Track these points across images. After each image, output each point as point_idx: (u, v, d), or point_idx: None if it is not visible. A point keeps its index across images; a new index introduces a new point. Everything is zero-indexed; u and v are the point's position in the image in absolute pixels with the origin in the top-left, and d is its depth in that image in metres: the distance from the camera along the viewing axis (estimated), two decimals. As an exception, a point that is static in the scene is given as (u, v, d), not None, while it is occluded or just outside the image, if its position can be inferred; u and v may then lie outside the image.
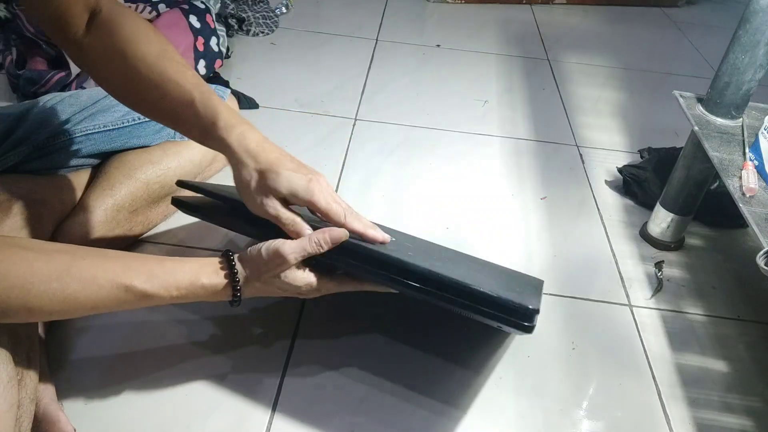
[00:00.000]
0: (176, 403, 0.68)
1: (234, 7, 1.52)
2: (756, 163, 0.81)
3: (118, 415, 0.66)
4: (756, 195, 0.77)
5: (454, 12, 1.87)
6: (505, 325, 0.59)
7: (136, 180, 0.84)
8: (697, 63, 1.73)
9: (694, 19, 2.04)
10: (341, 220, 0.61)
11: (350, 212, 0.63)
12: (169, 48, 0.65)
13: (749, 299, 0.92)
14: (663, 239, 1.00)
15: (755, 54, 0.82)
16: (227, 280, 0.59)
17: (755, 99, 0.90)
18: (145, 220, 0.88)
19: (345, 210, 0.62)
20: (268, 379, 0.71)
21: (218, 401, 0.68)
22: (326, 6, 1.77)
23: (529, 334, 0.59)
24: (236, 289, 0.60)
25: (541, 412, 0.72)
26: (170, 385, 0.69)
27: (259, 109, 1.24)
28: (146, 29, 0.65)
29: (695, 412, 0.74)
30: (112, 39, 0.63)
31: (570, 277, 0.92)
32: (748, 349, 0.84)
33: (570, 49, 1.71)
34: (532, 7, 1.98)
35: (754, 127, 0.88)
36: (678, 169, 0.95)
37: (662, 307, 0.89)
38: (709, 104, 0.90)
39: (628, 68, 1.63)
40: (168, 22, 1.17)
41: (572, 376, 0.76)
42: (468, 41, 1.68)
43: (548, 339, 0.81)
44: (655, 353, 0.81)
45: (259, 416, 0.67)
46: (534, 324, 0.57)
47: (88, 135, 0.84)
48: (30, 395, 0.58)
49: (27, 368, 0.58)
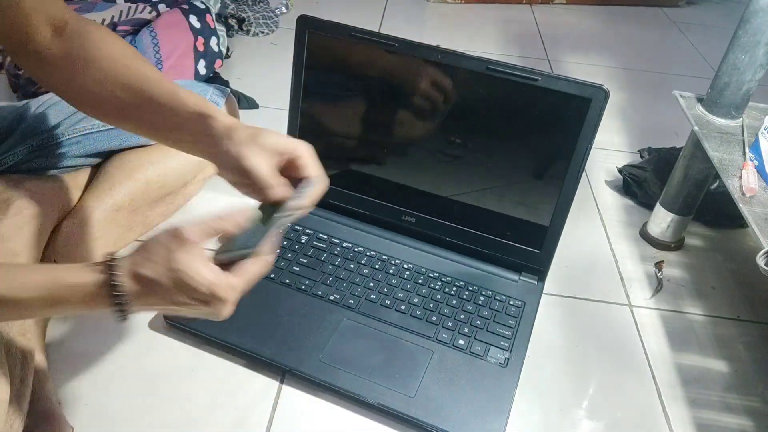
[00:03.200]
0: (176, 403, 0.68)
1: (234, 7, 1.52)
2: (756, 163, 0.81)
3: (117, 414, 0.66)
4: (756, 195, 0.77)
5: (454, 12, 1.87)
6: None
7: (136, 180, 0.84)
8: (697, 63, 1.73)
9: (694, 19, 2.04)
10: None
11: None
12: (138, 54, 0.63)
13: (749, 299, 0.92)
14: (663, 239, 1.00)
15: (755, 54, 0.82)
16: (103, 279, 0.47)
17: (755, 99, 0.90)
18: (145, 220, 0.88)
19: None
20: (268, 379, 0.71)
21: (218, 401, 0.68)
22: (326, 6, 1.77)
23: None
24: (115, 285, 0.47)
25: (541, 412, 0.72)
26: (170, 385, 0.69)
27: (259, 109, 1.24)
28: (114, 37, 0.63)
29: (695, 412, 0.74)
30: (82, 47, 0.61)
31: (570, 277, 0.92)
32: (747, 349, 0.84)
33: (570, 49, 1.71)
34: (532, 7, 1.97)
35: (754, 127, 0.88)
36: (678, 169, 0.95)
37: (662, 307, 0.89)
38: (709, 104, 0.90)
39: (628, 68, 1.63)
40: (168, 22, 1.17)
41: (572, 376, 0.76)
42: (468, 41, 1.68)
43: (548, 339, 0.81)
44: (655, 353, 0.81)
45: (259, 416, 0.67)
46: None
47: (87, 134, 0.84)
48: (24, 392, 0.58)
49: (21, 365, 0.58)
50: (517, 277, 0.83)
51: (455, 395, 0.68)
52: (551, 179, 0.77)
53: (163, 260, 0.47)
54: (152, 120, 0.61)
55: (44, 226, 0.75)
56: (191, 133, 0.59)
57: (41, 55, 0.62)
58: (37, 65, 0.63)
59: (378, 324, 0.75)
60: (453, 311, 0.77)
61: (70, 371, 0.69)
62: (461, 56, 0.75)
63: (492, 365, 0.71)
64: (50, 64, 0.62)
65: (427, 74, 0.78)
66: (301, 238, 0.86)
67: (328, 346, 0.71)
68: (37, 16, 0.60)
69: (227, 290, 0.48)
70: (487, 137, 0.79)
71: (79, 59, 0.61)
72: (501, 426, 0.65)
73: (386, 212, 0.86)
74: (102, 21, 1.12)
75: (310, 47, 0.81)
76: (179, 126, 0.59)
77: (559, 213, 0.78)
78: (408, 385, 0.68)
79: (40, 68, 0.63)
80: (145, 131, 0.64)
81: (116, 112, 0.63)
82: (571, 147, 0.74)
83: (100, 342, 0.73)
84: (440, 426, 0.65)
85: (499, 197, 0.81)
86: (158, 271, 0.47)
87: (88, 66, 0.61)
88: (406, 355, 0.71)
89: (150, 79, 0.61)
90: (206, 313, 0.50)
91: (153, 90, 0.60)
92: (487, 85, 0.76)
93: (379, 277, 0.81)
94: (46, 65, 0.62)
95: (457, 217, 0.84)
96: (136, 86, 0.60)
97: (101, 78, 0.61)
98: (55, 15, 0.62)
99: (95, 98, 0.62)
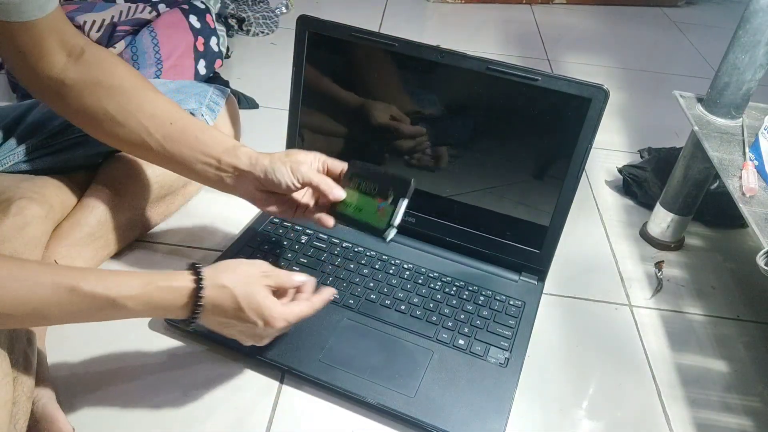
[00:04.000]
0: (176, 403, 0.68)
1: (234, 7, 1.52)
2: (756, 163, 0.81)
3: (117, 415, 0.66)
4: (756, 195, 0.77)
5: (454, 12, 1.87)
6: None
7: (136, 180, 0.84)
8: (697, 63, 1.73)
9: (694, 19, 2.04)
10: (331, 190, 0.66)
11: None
12: (150, 84, 0.69)
13: (749, 299, 0.92)
14: (663, 239, 1.00)
15: (755, 54, 0.82)
16: (189, 283, 0.56)
17: (755, 99, 0.90)
18: (145, 220, 0.88)
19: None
20: (268, 379, 0.71)
21: (218, 401, 0.68)
22: (326, 6, 1.77)
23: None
24: (200, 289, 0.56)
25: (541, 412, 0.72)
26: (170, 385, 0.69)
27: (259, 109, 1.24)
28: (133, 69, 0.69)
29: (695, 412, 0.74)
30: (104, 74, 0.65)
31: (570, 277, 0.92)
32: (747, 349, 0.84)
33: (570, 49, 1.71)
34: (532, 7, 1.98)
35: (754, 127, 0.88)
36: (678, 169, 0.95)
37: (662, 307, 0.89)
38: (709, 104, 0.90)
39: (628, 68, 1.63)
40: (168, 22, 1.17)
41: (572, 376, 0.76)
42: (468, 41, 1.68)
43: (548, 339, 0.81)
44: (655, 353, 0.81)
45: (259, 416, 0.67)
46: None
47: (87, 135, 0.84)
48: (27, 393, 0.58)
49: (24, 366, 0.58)
50: (517, 277, 0.83)
51: (455, 395, 0.68)
52: (551, 179, 0.77)
53: (244, 275, 0.58)
54: (174, 149, 0.67)
55: (44, 226, 0.75)
56: (218, 161, 0.67)
57: (57, 82, 0.64)
58: (54, 92, 0.65)
59: (378, 324, 0.75)
60: (453, 311, 0.77)
61: (71, 371, 0.69)
62: (461, 56, 0.75)
63: (492, 365, 0.71)
64: (67, 92, 0.65)
65: (427, 74, 0.78)
66: (301, 238, 0.86)
67: (328, 346, 0.71)
68: (50, 40, 0.63)
69: (281, 317, 0.59)
70: (487, 137, 0.79)
71: (102, 87, 0.65)
72: (501, 426, 0.65)
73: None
74: (102, 21, 1.12)
75: (310, 47, 0.81)
76: (206, 155, 0.67)
77: (559, 213, 0.78)
78: (408, 385, 0.68)
79: (56, 95, 0.66)
80: (162, 161, 0.70)
81: (135, 139, 0.68)
82: (571, 147, 0.74)
83: (101, 342, 0.73)
84: (440, 426, 0.65)
85: (499, 197, 0.81)
86: (235, 283, 0.57)
87: (112, 93, 0.65)
88: (406, 355, 0.71)
89: (179, 111, 0.67)
90: (255, 334, 0.61)
91: (183, 121, 0.67)
92: (487, 85, 0.76)
93: (379, 277, 0.81)
94: (63, 93, 0.65)
95: (457, 217, 0.84)
96: (166, 119, 0.66)
97: (125, 104, 0.65)
98: (69, 41, 0.65)
99: (114, 125, 0.66)
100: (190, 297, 0.56)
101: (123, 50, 1.09)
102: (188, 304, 0.56)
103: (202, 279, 0.56)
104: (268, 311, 0.58)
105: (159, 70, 1.12)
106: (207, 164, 0.67)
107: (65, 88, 0.65)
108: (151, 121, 0.66)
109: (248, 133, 1.06)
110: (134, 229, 0.86)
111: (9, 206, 0.72)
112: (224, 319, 0.59)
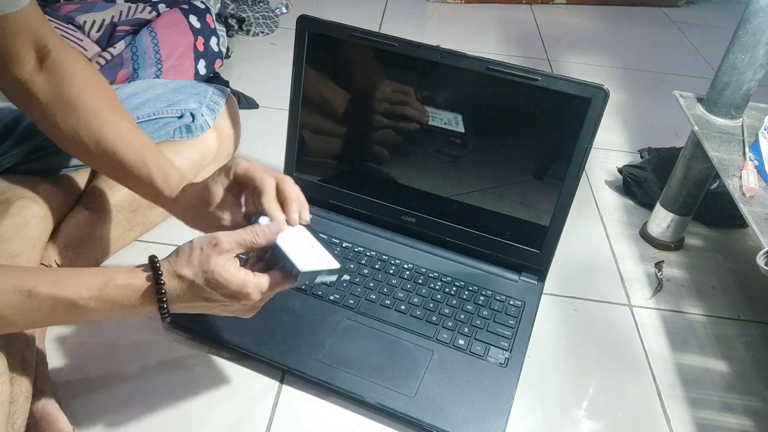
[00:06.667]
0: (176, 403, 0.68)
1: (234, 7, 1.52)
2: (756, 163, 0.81)
3: (117, 415, 0.66)
4: (756, 195, 0.77)
5: (454, 12, 1.87)
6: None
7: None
8: (697, 63, 1.73)
9: (694, 19, 2.04)
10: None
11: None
12: (117, 101, 0.68)
13: (749, 299, 0.92)
14: (663, 239, 1.00)
15: (755, 54, 0.82)
16: (148, 279, 0.54)
17: (755, 99, 0.90)
18: (145, 221, 0.88)
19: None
20: (268, 379, 0.71)
21: (218, 401, 0.68)
22: (326, 6, 1.77)
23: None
24: (160, 285, 0.53)
25: (541, 412, 0.72)
26: (170, 384, 0.69)
27: (259, 109, 1.24)
28: (96, 78, 0.67)
29: (695, 412, 0.74)
30: (63, 87, 0.64)
31: (570, 277, 0.92)
32: (747, 349, 0.84)
33: (570, 49, 1.71)
34: (532, 7, 1.98)
35: (754, 127, 0.88)
36: (678, 169, 0.95)
37: (662, 307, 0.89)
38: (709, 104, 0.90)
39: (628, 68, 1.63)
40: (168, 22, 1.17)
41: (572, 376, 0.76)
42: (468, 41, 1.68)
43: (548, 339, 0.81)
44: (655, 353, 0.81)
45: (259, 416, 0.67)
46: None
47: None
48: (24, 393, 0.57)
49: (22, 366, 0.58)
50: (517, 277, 0.83)
51: (455, 395, 0.68)
52: (551, 179, 0.77)
53: (199, 262, 0.54)
54: (119, 177, 0.68)
55: (44, 226, 0.75)
56: (153, 192, 0.66)
57: (24, 85, 0.63)
58: (19, 94, 0.64)
59: (378, 324, 0.75)
60: (453, 311, 0.77)
61: (70, 371, 0.69)
62: (461, 56, 0.75)
63: (492, 365, 0.71)
64: (32, 99, 0.64)
65: (427, 74, 0.78)
66: (301, 238, 0.86)
67: (328, 346, 0.71)
68: (22, 39, 0.61)
69: (254, 288, 0.55)
70: (487, 137, 0.79)
71: (59, 101, 0.64)
72: (501, 426, 0.65)
73: (386, 212, 0.86)
74: (102, 21, 1.12)
75: (310, 47, 0.81)
76: (141, 189, 0.66)
77: (559, 213, 0.78)
78: (408, 385, 0.68)
79: (21, 97, 0.65)
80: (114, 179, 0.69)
81: (86, 158, 0.68)
82: (571, 147, 0.74)
83: (101, 342, 0.73)
84: (440, 426, 0.65)
85: (499, 197, 0.81)
86: (195, 271, 0.54)
87: (67, 111, 0.64)
88: (406, 355, 0.71)
89: (123, 143, 0.65)
90: (235, 310, 0.57)
91: (125, 156, 0.65)
92: (487, 85, 0.76)
93: (379, 277, 0.81)
94: (28, 97, 0.64)
95: (457, 217, 0.84)
96: (109, 148, 0.65)
97: (77, 126, 0.64)
98: (41, 40, 0.63)
99: (69, 141, 0.66)
100: (151, 294, 0.54)
101: (123, 50, 1.09)
102: (152, 300, 0.54)
103: (160, 274, 0.54)
104: (236, 287, 0.54)
105: (159, 70, 1.12)
106: (144, 192, 0.67)
107: (29, 93, 0.63)
108: (96, 146, 0.65)
109: (248, 133, 1.06)
110: (134, 229, 0.86)
111: (8, 206, 0.72)
112: (197, 303, 0.56)
